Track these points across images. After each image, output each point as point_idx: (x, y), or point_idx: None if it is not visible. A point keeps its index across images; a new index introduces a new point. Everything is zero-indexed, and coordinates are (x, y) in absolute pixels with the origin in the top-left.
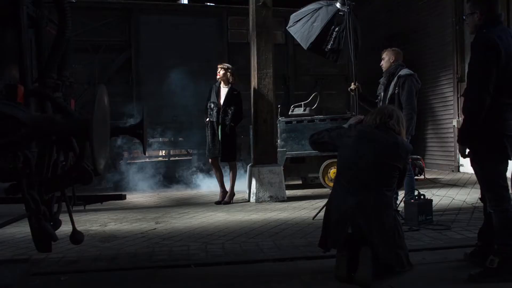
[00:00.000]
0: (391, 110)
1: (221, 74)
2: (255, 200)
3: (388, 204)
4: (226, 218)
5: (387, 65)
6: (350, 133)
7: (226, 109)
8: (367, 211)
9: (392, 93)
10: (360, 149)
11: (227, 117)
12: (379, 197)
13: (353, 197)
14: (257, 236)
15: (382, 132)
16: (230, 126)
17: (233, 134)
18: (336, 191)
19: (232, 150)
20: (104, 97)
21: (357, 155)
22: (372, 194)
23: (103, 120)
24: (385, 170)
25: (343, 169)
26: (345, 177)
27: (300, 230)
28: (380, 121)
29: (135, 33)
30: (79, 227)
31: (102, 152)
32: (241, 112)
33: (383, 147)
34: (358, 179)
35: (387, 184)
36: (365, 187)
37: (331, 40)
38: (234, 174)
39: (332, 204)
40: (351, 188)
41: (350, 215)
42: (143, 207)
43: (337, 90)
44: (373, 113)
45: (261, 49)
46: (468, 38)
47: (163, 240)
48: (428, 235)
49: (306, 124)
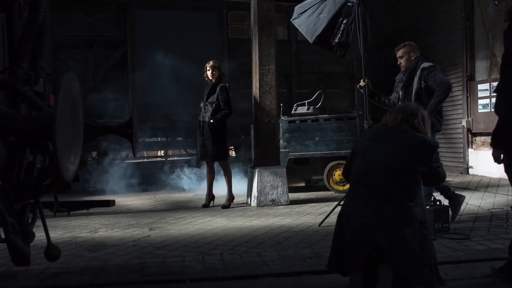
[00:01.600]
0: (415, 108)
1: (215, 74)
2: (256, 204)
3: (410, 216)
4: (226, 224)
5: (407, 62)
6: (365, 136)
7: (207, 105)
8: (386, 225)
9: (417, 87)
10: (376, 153)
11: (207, 114)
12: (400, 208)
13: (369, 210)
14: (259, 246)
15: (402, 132)
16: (209, 124)
17: (217, 131)
18: (350, 203)
19: (215, 149)
20: (72, 88)
21: (372, 160)
22: (391, 205)
23: (72, 117)
24: (405, 176)
25: (357, 176)
26: (359, 186)
27: (305, 239)
28: (401, 120)
29: (131, 28)
30: (68, 233)
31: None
32: (226, 106)
33: (403, 149)
34: (375, 188)
35: (409, 192)
36: (383, 197)
37: (339, 33)
38: (229, 175)
39: (345, 218)
40: (366, 198)
41: (367, 231)
42: (137, 210)
43: (341, 88)
44: (394, 112)
45: (263, 44)
46: (478, 35)
47: (156, 249)
48: (447, 245)
49: (310, 124)
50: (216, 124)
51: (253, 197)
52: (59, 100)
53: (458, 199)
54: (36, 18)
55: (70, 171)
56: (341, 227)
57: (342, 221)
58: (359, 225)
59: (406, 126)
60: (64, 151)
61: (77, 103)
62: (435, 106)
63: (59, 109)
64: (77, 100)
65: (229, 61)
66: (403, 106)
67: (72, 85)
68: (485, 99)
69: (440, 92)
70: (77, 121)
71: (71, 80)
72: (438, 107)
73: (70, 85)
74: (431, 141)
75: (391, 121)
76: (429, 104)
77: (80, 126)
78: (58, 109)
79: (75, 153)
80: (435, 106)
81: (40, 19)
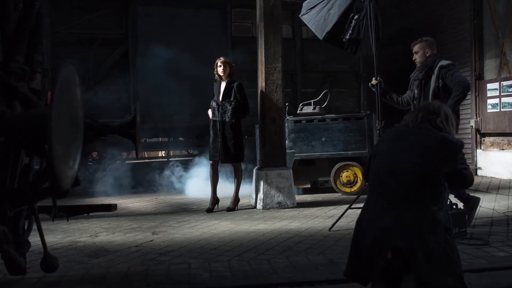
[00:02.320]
0: (438, 106)
1: (227, 71)
2: (262, 207)
3: (434, 221)
4: (232, 228)
5: (423, 59)
6: (384, 136)
7: (224, 104)
8: (409, 231)
9: (435, 86)
10: (396, 154)
11: (226, 114)
12: (423, 213)
13: (389, 215)
14: (267, 252)
15: (423, 132)
16: (230, 123)
17: (237, 131)
18: (369, 208)
19: (236, 150)
20: (71, 83)
21: (392, 162)
22: (413, 209)
23: (70, 115)
24: (428, 178)
25: (377, 179)
26: (379, 190)
27: (316, 244)
28: (422, 119)
29: (133, 26)
30: (67, 237)
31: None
32: (245, 105)
33: (425, 150)
34: (396, 191)
35: (432, 196)
36: (405, 201)
37: (350, 30)
38: (239, 178)
39: (364, 223)
40: (386, 203)
41: (387, 237)
42: (139, 213)
43: (347, 87)
44: (415, 111)
45: (269, 41)
46: (487, 33)
47: (159, 255)
48: (466, 251)
49: (317, 124)
50: (238, 124)
51: (258, 200)
52: (55, 96)
53: (473, 201)
54: (32, 10)
55: (68, 177)
56: (359, 233)
57: (360, 226)
58: (379, 231)
59: (428, 126)
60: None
61: (76, 100)
62: (453, 107)
63: (55, 106)
64: (76, 97)
65: (232, 59)
66: (425, 105)
67: (70, 80)
68: (494, 98)
69: (458, 92)
70: (76, 120)
71: (69, 74)
72: (456, 107)
73: (68, 79)
74: (455, 141)
75: (412, 121)
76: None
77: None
78: (54, 106)
79: (74, 157)
80: (453, 107)
81: (36, 10)
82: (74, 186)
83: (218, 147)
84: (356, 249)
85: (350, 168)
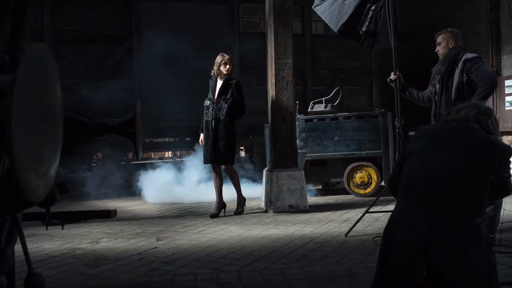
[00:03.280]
0: (487, 107)
1: (230, 69)
2: (273, 210)
3: (477, 235)
4: (241, 234)
5: (445, 50)
6: (419, 135)
7: (220, 101)
8: (447, 245)
9: (459, 82)
10: (436, 155)
11: (221, 111)
12: (465, 225)
13: (426, 225)
14: (281, 260)
15: (471, 132)
16: (225, 122)
17: (231, 131)
18: (400, 215)
19: (227, 151)
20: (44, 68)
21: (430, 164)
22: (454, 221)
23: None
24: (472, 185)
25: (410, 183)
26: (413, 195)
27: (332, 252)
28: (472, 119)
29: (136, 22)
30: (66, 243)
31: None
32: (242, 105)
33: (471, 153)
34: (433, 198)
35: (475, 206)
36: (444, 210)
37: (367, 21)
38: (236, 180)
39: (394, 233)
40: (422, 211)
41: (422, 250)
42: (143, 217)
43: (358, 85)
44: (462, 108)
45: (279, 36)
46: (504, 28)
47: (164, 264)
48: (499, 260)
49: (329, 123)
50: (232, 124)
51: (268, 202)
52: (16, 83)
53: (496, 204)
54: None
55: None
56: (389, 243)
57: (390, 236)
58: (413, 243)
59: (477, 126)
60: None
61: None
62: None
63: (15, 96)
64: (51, 85)
65: (240, 56)
66: (475, 104)
67: (42, 62)
68: None
69: (484, 87)
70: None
71: (40, 55)
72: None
73: (38, 61)
74: (505, 146)
75: (459, 119)
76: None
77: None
78: (14, 96)
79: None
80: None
81: None
82: (62, 193)
83: (210, 149)
84: (385, 263)
85: (364, 168)
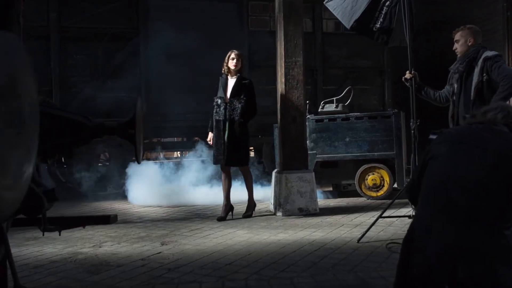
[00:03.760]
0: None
1: (239, 65)
2: (282, 213)
3: (507, 249)
4: (249, 238)
5: (464, 48)
6: (441, 138)
7: (233, 101)
8: (474, 259)
9: (478, 81)
10: (461, 161)
11: (235, 112)
12: (493, 238)
13: (450, 237)
14: (290, 268)
15: (501, 136)
16: (239, 122)
17: (245, 132)
18: (421, 225)
19: (243, 153)
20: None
21: (455, 170)
22: (481, 231)
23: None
24: (502, 193)
25: (433, 190)
26: (435, 203)
27: (344, 259)
28: (501, 121)
29: (144, 20)
30: (68, 247)
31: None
32: (253, 105)
33: (501, 157)
34: (458, 207)
35: (504, 217)
36: (470, 220)
37: (381, 17)
38: (250, 182)
39: (415, 244)
40: (445, 220)
41: (446, 264)
42: (149, 219)
43: (370, 84)
44: (489, 110)
45: (289, 34)
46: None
47: (167, 271)
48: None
49: (340, 123)
50: (246, 125)
51: (278, 205)
52: None
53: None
54: None
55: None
56: (409, 256)
57: (411, 247)
58: (436, 256)
59: (505, 129)
60: None
61: (21, 85)
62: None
63: None
64: (20, 80)
65: (249, 55)
66: (503, 105)
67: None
68: None
69: (506, 87)
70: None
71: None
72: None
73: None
74: None
75: (485, 121)
76: (491, 101)
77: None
78: None
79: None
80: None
81: None
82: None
83: (222, 149)
84: (404, 277)
85: (376, 170)
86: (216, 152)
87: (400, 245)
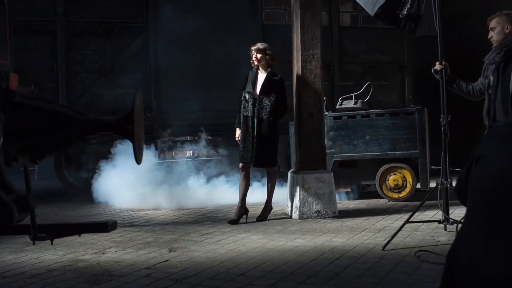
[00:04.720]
0: None
1: (258, 58)
2: (298, 216)
3: None
4: (264, 244)
5: (501, 36)
6: (494, 133)
7: (262, 99)
8: None
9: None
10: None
11: (264, 110)
12: None
13: (503, 252)
14: (309, 280)
15: None
16: (268, 121)
17: (274, 131)
18: (470, 238)
19: (271, 153)
20: None
21: (509, 171)
22: None
23: None
24: None
25: (484, 198)
26: (487, 214)
27: (369, 270)
28: None
29: (154, 13)
30: (69, 254)
31: None
32: (284, 103)
33: None
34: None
35: None
36: None
37: (408, 3)
38: (273, 184)
39: (463, 262)
40: (502, 237)
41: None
42: (157, 223)
43: (389, 80)
44: None
45: (306, 25)
46: None
47: (174, 282)
48: None
49: (359, 120)
50: (275, 124)
51: (294, 208)
52: None
53: None
54: None
55: None
56: (456, 275)
57: (457, 266)
58: (490, 279)
59: None
60: None
61: None
62: None
63: None
64: None
65: None
66: None
67: None
68: None
69: None
70: None
71: None
72: None
73: None
74: None
75: None
76: None
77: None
78: None
79: None
80: None
81: None
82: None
83: (250, 147)
84: None
85: (398, 170)
86: (244, 150)
87: (430, 254)
